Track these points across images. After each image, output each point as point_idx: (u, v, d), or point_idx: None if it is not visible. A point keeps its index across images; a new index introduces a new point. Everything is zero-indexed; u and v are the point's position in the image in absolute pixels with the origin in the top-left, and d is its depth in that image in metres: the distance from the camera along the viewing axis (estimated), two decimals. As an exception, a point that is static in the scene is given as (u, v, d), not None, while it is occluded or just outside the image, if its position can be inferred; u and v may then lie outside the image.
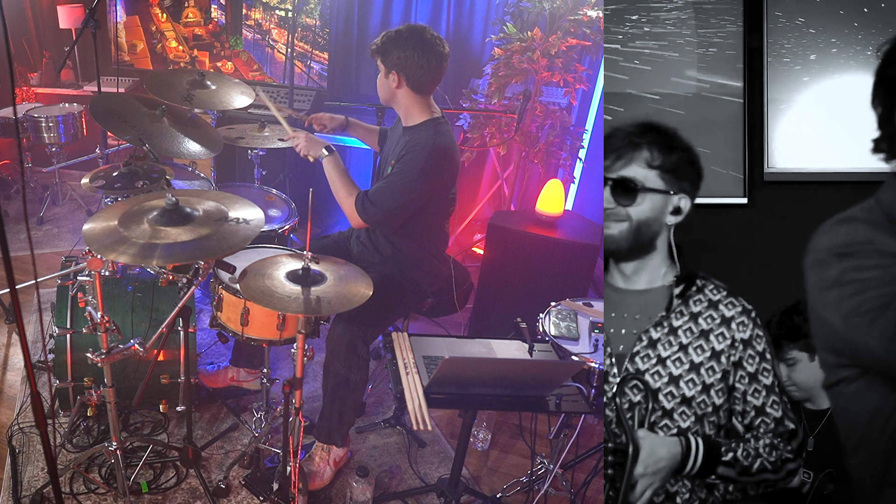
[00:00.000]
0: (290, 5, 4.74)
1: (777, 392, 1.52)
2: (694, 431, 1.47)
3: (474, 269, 3.48)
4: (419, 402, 1.94)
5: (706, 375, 1.48)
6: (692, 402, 1.47)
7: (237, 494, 2.45)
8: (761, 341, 1.52)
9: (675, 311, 1.50)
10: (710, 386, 1.48)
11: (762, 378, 1.51)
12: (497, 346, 2.29)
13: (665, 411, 1.46)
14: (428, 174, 2.34)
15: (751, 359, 1.51)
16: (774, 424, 1.50)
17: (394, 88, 2.38)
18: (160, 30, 5.09)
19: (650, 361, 1.48)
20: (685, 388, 1.47)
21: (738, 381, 1.50)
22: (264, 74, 5.01)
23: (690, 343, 1.49)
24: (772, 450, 1.47)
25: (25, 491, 2.35)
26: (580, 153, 4.05)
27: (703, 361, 1.48)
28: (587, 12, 3.73)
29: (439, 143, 2.35)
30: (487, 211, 4.41)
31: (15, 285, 1.45)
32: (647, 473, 1.38)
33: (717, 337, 1.50)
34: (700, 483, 1.48)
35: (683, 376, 1.47)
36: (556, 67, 3.75)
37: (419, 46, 2.31)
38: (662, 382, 1.47)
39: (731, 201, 2.31)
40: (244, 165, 3.86)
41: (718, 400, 1.49)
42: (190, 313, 2.44)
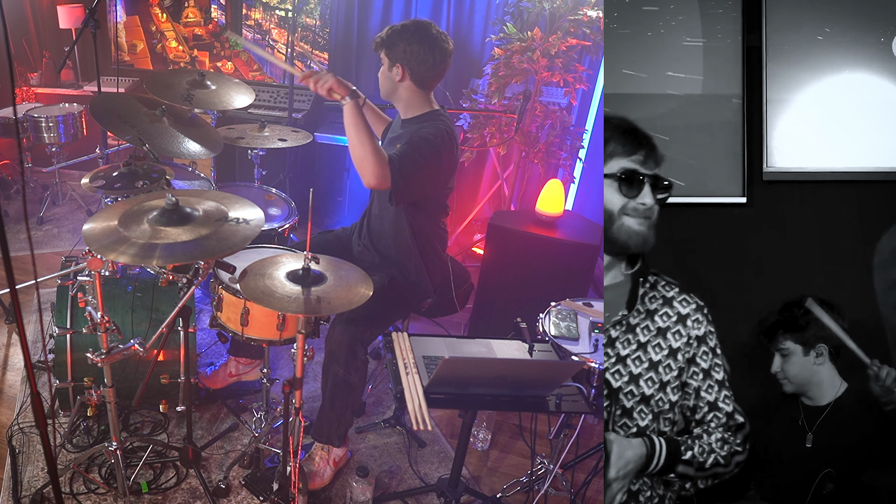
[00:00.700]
0: (290, 5, 4.74)
1: (727, 386, 1.55)
2: (651, 430, 1.49)
3: (474, 269, 3.48)
4: (419, 402, 1.94)
5: (664, 373, 1.50)
6: (650, 400, 1.49)
7: (237, 494, 2.45)
8: (713, 337, 1.55)
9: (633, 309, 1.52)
10: (667, 383, 1.50)
11: (714, 374, 1.54)
12: (497, 346, 2.29)
13: (624, 410, 1.48)
14: (440, 146, 2.32)
15: (704, 355, 1.53)
16: (726, 419, 1.53)
17: (397, 81, 2.38)
18: (160, 30, 5.09)
19: (610, 360, 1.49)
20: (644, 386, 1.49)
21: (692, 377, 1.53)
22: (264, 74, 5.01)
23: (649, 341, 1.51)
24: (723, 444, 1.50)
25: (25, 491, 2.35)
26: (580, 153, 4.05)
27: (662, 359, 1.50)
28: (587, 12, 3.73)
29: (443, 126, 2.39)
30: (487, 211, 4.41)
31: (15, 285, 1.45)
32: (619, 477, 1.40)
33: (674, 335, 1.52)
34: (658, 480, 1.50)
35: (643, 375, 1.49)
36: (556, 67, 3.75)
37: (425, 41, 2.32)
38: (623, 381, 1.48)
39: (729, 200, 2.31)
40: (244, 165, 3.86)
41: (674, 397, 1.51)
42: (190, 313, 2.44)
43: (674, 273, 2.33)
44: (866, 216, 2.26)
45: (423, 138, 2.32)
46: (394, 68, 2.36)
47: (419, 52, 2.32)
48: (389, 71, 2.38)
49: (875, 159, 2.22)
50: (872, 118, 2.22)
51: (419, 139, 2.31)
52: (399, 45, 2.33)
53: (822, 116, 2.26)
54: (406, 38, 2.33)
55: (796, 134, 2.27)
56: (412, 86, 2.39)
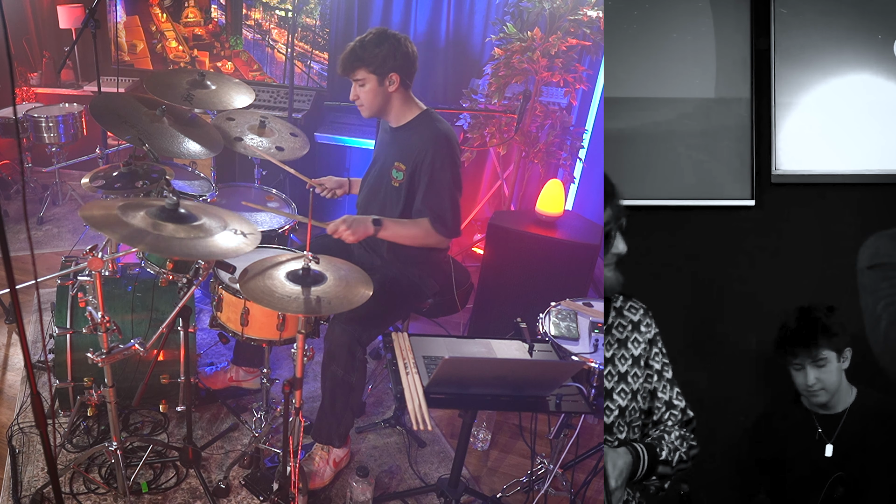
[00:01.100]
0: (290, 5, 4.74)
1: (676, 383, 1.59)
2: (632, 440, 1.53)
3: (474, 269, 3.48)
4: (419, 402, 1.94)
5: (632, 382, 1.55)
6: (626, 411, 1.54)
7: (237, 494, 2.45)
8: (659, 337, 1.59)
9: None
10: (637, 392, 1.55)
11: (665, 373, 1.58)
12: (497, 346, 2.29)
13: (606, 427, 1.51)
14: (457, 158, 2.43)
15: (656, 356, 1.58)
16: (681, 415, 1.57)
17: (391, 93, 2.38)
18: (160, 30, 5.09)
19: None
20: (619, 399, 1.53)
21: (647, 379, 1.56)
22: (264, 74, 5.01)
23: (615, 355, 1.54)
24: (683, 440, 1.55)
25: (25, 491, 2.35)
26: (580, 153, 4.05)
27: (628, 369, 1.55)
28: (587, 12, 3.73)
29: (444, 128, 2.41)
30: (487, 211, 4.41)
31: (15, 285, 1.45)
32: (619, 486, 1.43)
33: (633, 343, 1.56)
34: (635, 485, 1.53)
35: (615, 388, 1.53)
36: (556, 67, 3.75)
37: (398, 42, 2.33)
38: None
39: (738, 203, 2.31)
40: (244, 165, 3.86)
41: (644, 404, 1.56)
42: (190, 313, 2.44)
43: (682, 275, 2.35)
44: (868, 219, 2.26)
45: (437, 170, 2.36)
46: (385, 80, 2.34)
47: (406, 52, 2.32)
48: (381, 85, 2.35)
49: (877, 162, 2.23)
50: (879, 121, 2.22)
51: (436, 173, 2.36)
52: (379, 54, 2.30)
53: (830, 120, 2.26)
54: (385, 46, 2.30)
55: (805, 137, 2.27)
56: (402, 91, 2.39)
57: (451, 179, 2.42)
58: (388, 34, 2.35)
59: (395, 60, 2.32)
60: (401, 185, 2.47)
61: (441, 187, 2.40)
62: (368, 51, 2.31)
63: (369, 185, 2.63)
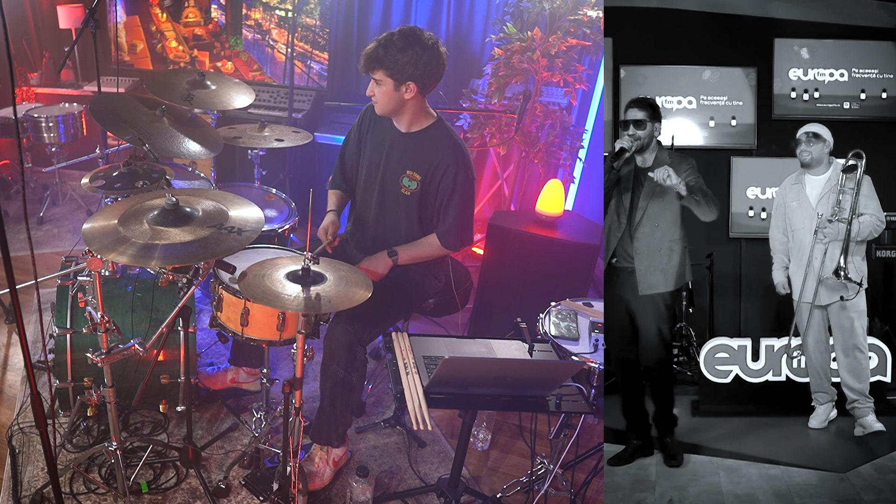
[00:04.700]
0: (290, 5, 4.74)
1: None
2: None
3: (474, 269, 3.48)
4: (419, 402, 1.94)
5: None
6: None
7: (237, 494, 2.45)
8: None
9: None
10: None
11: None
12: (497, 346, 2.29)
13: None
14: (474, 174, 2.46)
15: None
16: None
17: (407, 99, 2.31)
18: (160, 30, 5.09)
19: None
20: None
21: None
22: (264, 74, 5.01)
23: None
24: None
25: (25, 491, 2.35)
26: (580, 153, 4.05)
27: None
28: (587, 12, 3.73)
29: (461, 143, 2.44)
30: (487, 211, 4.41)
31: (15, 285, 1.45)
32: None
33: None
34: None
35: None
36: (556, 67, 3.76)
37: (424, 50, 2.23)
38: None
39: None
40: (244, 165, 3.86)
41: None
42: (190, 313, 2.44)
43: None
44: None
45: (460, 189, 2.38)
46: (402, 87, 2.27)
47: (431, 62, 2.24)
48: (396, 91, 2.27)
49: None
50: None
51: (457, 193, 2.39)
52: (401, 59, 2.21)
53: None
54: (407, 51, 2.21)
55: None
56: (419, 98, 2.34)
57: (471, 197, 2.47)
58: (415, 38, 2.24)
59: (415, 69, 2.23)
60: (413, 195, 2.42)
61: (463, 207, 2.43)
62: (391, 55, 2.22)
63: (376, 197, 2.51)
